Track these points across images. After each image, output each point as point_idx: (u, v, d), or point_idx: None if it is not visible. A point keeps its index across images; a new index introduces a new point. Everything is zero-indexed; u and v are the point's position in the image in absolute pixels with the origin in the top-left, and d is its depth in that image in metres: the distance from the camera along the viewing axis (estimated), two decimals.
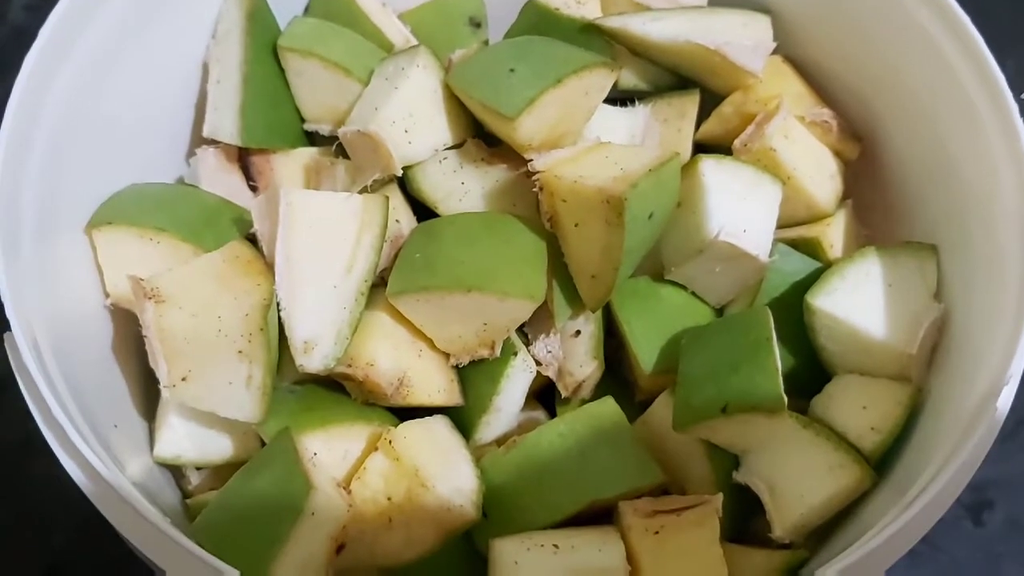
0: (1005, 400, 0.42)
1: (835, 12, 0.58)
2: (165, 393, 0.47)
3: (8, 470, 0.67)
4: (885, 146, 0.59)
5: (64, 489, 0.65)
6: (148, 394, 0.54)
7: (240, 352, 0.47)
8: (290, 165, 0.58)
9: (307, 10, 0.63)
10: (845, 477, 0.48)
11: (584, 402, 0.55)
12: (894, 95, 0.57)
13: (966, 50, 0.51)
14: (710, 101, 0.61)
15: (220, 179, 0.57)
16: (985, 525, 0.68)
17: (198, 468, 0.53)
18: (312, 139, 0.60)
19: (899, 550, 0.40)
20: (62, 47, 0.49)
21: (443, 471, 0.48)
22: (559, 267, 0.52)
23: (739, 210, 0.52)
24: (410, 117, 0.53)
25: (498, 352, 0.51)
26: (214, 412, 0.48)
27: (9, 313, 0.42)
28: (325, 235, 0.50)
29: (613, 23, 0.58)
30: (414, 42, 0.62)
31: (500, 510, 0.48)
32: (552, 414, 0.56)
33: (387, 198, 0.52)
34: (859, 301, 0.51)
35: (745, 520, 0.52)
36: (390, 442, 0.48)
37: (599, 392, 0.55)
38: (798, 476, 0.48)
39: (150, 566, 0.41)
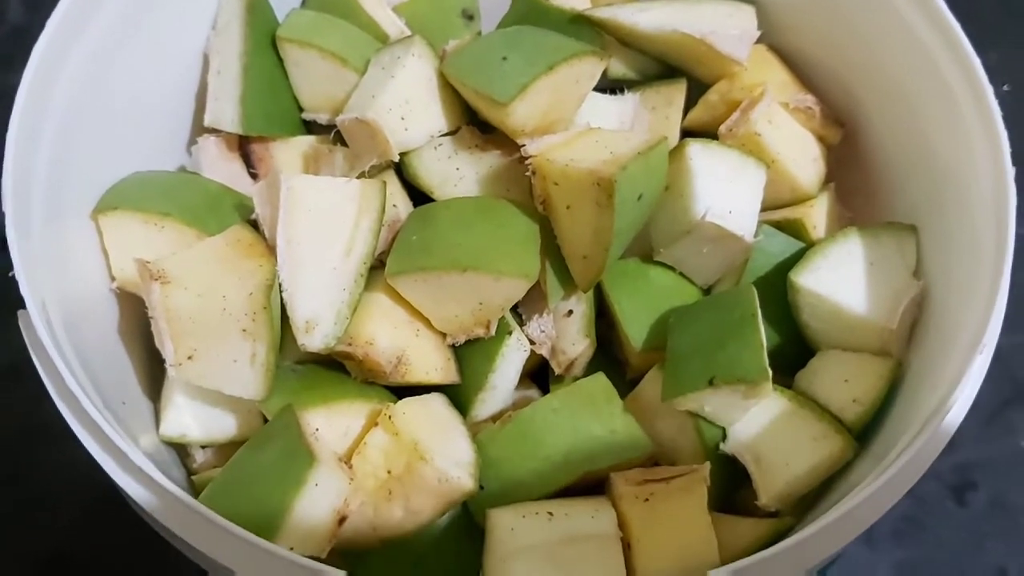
0: (979, 370, 0.44)
1: (818, 1, 0.60)
2: (171, 372, 0.49)
3: (15, 457, 0.68)
4: (867, 131, 0.61)
5: (71, 475, 0.67)
6: (153, 375, 0.56)
7: (244, 331, 0.48)
8: (289, 152, 0.59)
9: (304, 3, 0.65)
10: (828, 447, 0.50)
11: (576, 379, 0.56)
12: (875, 82, 0.59)
13: (945, 38, 0.53)
14: (697, 89, 0.63)
15: (221, 167, 0.59)
16: (969, 505, 0.70)
17: (203, 447, 0.54)
18: (310, 128, 0.62)
19: (870, 517, 0.42)
20: (67, 40, 0.51)
21: (441, 445, 0.49)
22: (552, 249, 0.53)
23: (725, 192, 0.54)
24: (406, 104, 0.55)
25: (493, 331, 0.53)
26: (219, 390, 0.50)
27: (24, 291, 0.44)
28: (325, 219, 0.51)
29: (602, 13, 0.60)
30: (407, 32, 0.64)
31: (496, 482, 0.50)
32: (545, 391, 0.58)
33: (384, 183, 0.54)
34: (841, 279, 0.53)
35: (733, 491, 0.53)
36: (390, 417, 0.50)
37: (591, 370, 0.56)
38: (783, 446, 0.50)
39: (163, 535, 0.42)
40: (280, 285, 0.50)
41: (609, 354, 0.58)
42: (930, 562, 0.69)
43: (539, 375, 0.59)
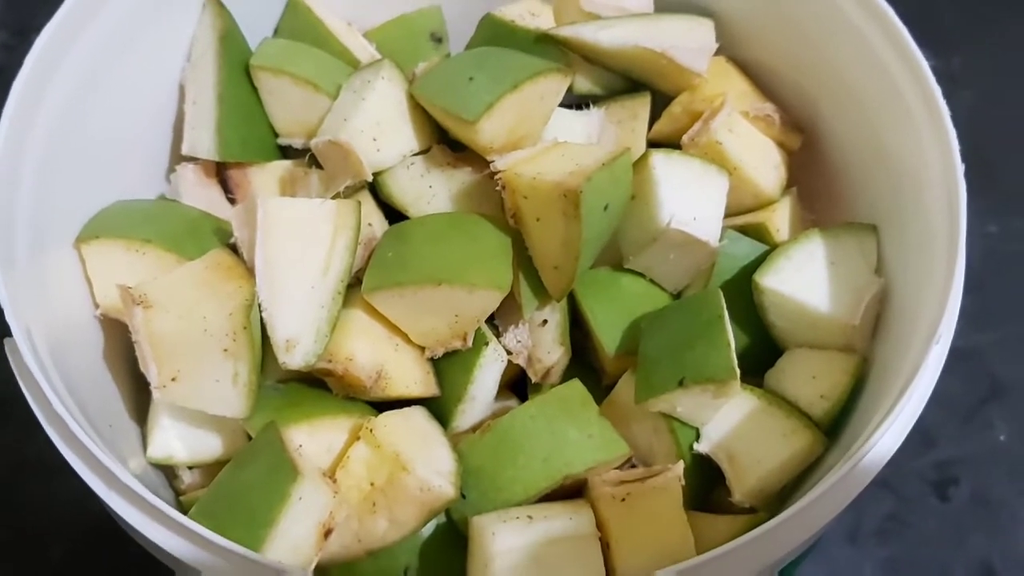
0: (936, 360, 0.45)
1: (774, 14, 0.62)
2: (156, 394, 0.50)
3: (5, 491, 0.69)
4: (825, 137, 0.63)
5: (62, 509, 0.68)
6: (139, 399, 0.57)
7: (226, 350, 0.49)
8: (266, 177, 0.61)
9: (276, 32, 0.66)
10: (798, 442, 0.51)
11: (553, 387, 0.58)
12: (832, 90, 0.61)
13: (895, 46, 0.55)
14: (660, 102, 0.64)
15: (200, 193, 0.60)
16: (951, 500, 0.72)
17: (190, 467, 0.56)
18: (285, 152, 0.63)
19: (825, 514, 0.43)
20: (46, 74, 0.52)
21: (422, 455, 0.50)
22: (524, 261, 0.55)
23: (689, 200, 0.56)
24: (377, 126, 0.57)
25: (470, 343, 0.54)
26: (203, 410, 0.51)
27: (9, 318, 0.45)
28: (301, 239, 0.53)
29: (566, 32, 0.61)
30: (379, 58, 0.65)
31: (478, 490, 0.51)
32: (523, 401, 0.59)
33: (359, 203, 0.55)
34: (805, 279, 0.55)
35: (709, 491, 0.55)
36: (371, 431, 0.51)
37: (567, 378, 0.57)
38: (754, 443, 0.52)
39: (154, 554, 0.43)
40: (260, 305, 0.51)
41: (585, 362, 0.60)
42: (915, 559, 0.70)
43: (518, 386, 0.60)
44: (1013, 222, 0.81)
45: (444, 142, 0.60)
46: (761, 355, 0.56)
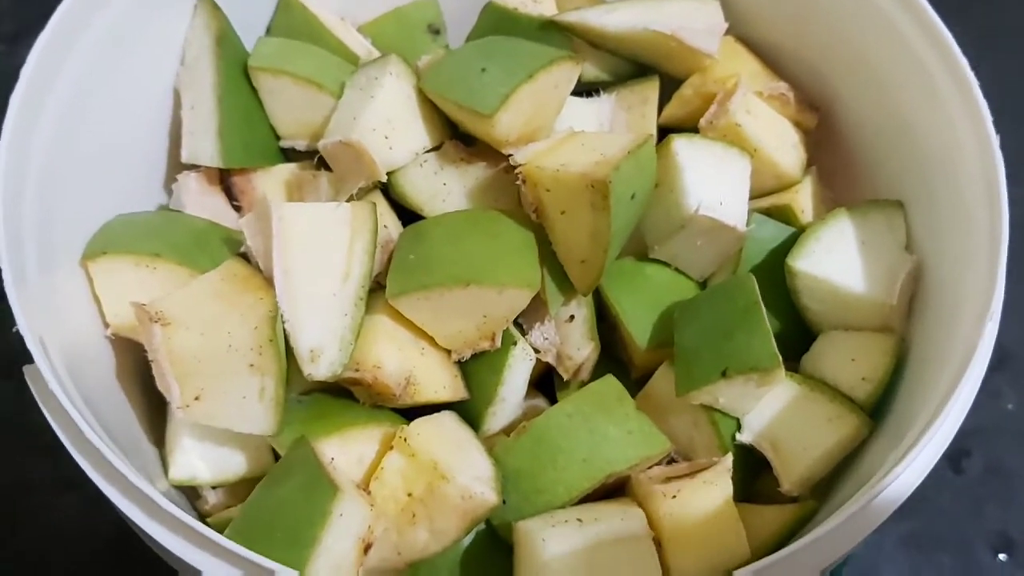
0: (989, 338, 0.44)
1: None
2: (179, 414, 0.48)
3: (6, 514, 0.66)
4: (842, 113, 0.62)
5: (60, 529, 0.66)
6: (154, 420, 0.55)
7: (251, 366, 0.47)
8: (271, 182, 0.59)
9: (269, 30, 0.64)
10: (844, 427, 0.50)
11: (583, 384, 0.56)
12: (846, 65, 0.60)
13: (914, 15, 0.54)
14: (669, 85, 0.63)
15: (204, 202, 0.58)
16: (965, 472, 0.71)
17: (214, 487, 0.53)
18: (288, 155, 0.61)
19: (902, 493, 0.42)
20: (43, 88, 0.50)
21: (460, 462, 0.49)
22: (547, 256, 0.53)
23: (714, 185, 0.54)
24: (388, 124, 0.55)
25: (499, 343, 0.52)
26: (229, 428, 0.49)
27: (28, 342, 0.42)
28: (319, 245, 0.51)
29: (571, 18, 0.60)
30: (376, 53, 0.63)
31: (518, 494, 0.50)
32: (551, 400, 0.58)
33: (375, 204, 0.53)
34: (837, 260, 0.54)
35: (751, 481, 0.54)
36: (405, 440, 0.49)
37: (594, 374, 0.56)
38: (799, 431, 0.51)
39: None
40: (281, 316, 0.49)
41: (611, 355, 0.58)
42: (933, 532, 0.70)
43: (543, 383, 0.59)
44: (1016, 189, 0.81)
45: (456, 137, 0.58)
46: (794, 339, 0.55)
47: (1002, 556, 0.68)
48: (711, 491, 0.47)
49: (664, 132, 0.60)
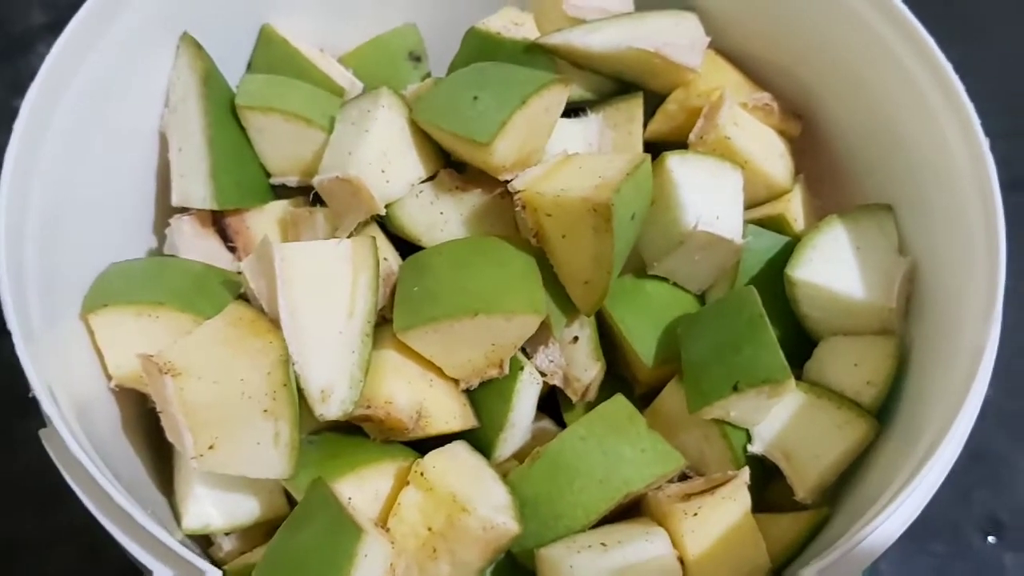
0: (994, 337, 0.45)
1: (759, 1, 0.62)
2: (193, 464, 0.47)
3: None
4: (825, 120, 0.63)
5: None
6: (160, 471, 0.54)
7: (266, 411, 0.47)
8: (265, 221, 0.58)
9: (250, 66, 0.63)
10: (853, 432, 0.51)
11: (590, 404, 0.56)
12: (826, 70, 0.61)
13: (891, 16, 0.55)
14: (652, 100, 0.63)
15: (198, 245, 0.57)
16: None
17: (227, 534, 0.53)
18: (278, 193, 0.61)
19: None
20: (33, 141, 0.49)
21: (478, 492, 0.49)
22: (547, 278, 0.53)
23: (709, 199, 0.55)
24: (384, 157, 0.54)
25: (507, 370, 0.52)
26: (244, 475, 0.48)
27: (45, 406, 0.42)
28: (323, 284, 0.50)
29: (556, 39, 0.60)
30: (359, 84, 0.63)
31: (537, 520, 0.50)
32: (557, 420, 0.58)
33: (374, 238, 0.53)
34: (834, 267, 0.54)
35: (762, 490, 0.54)
36: (422, 474, 0.49)
37: (600, 393, 0.56)
38: (810, 439, 0.51)
39: None
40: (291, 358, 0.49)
41: (612, 373, 0.58)
42: (925, 521, 0.69)
43: (547, 404, 0.59)
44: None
45: (449, 165, 0.58)
46: (795, 347, 0.56)
47: (991, 538, 0.69)
48: (731, 506, 0.48)
49: (649, 147, 0.61)
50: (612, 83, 0.64)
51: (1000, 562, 0.69)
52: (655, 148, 0.59)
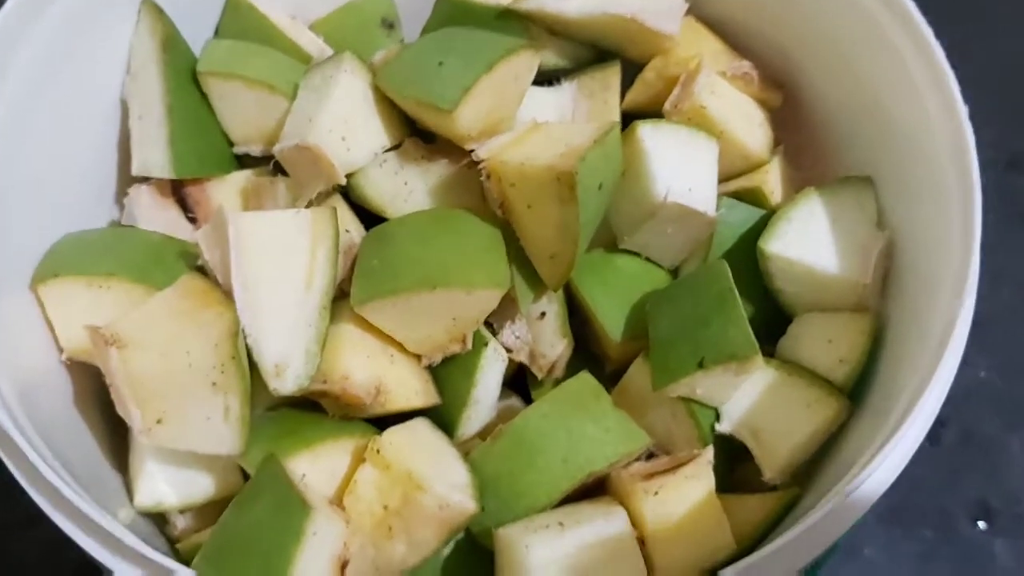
0: (967, 313, 0.44)
1: None
2: (141, 439, 0.46)
3: None
4: (807, 91, 0.61)
5: (21, 572, 0.64)
6: (116, 446, 0.53)
7: (214, 384, 0.46)
8: (226, 191, 0.57)
9: (217, 32, 0.62)
10: (824, 410, 0.50)
11: (558, 381, 0.55)
12: (810, 41, 0.59)
13: None
14: (631, 70, 0.62)
15: (157, 216, 0.56)
16: (941, 442, 0.71)
17: (181, 512, 0.52)
18: (242, 162, 0.59)
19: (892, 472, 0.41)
20: None
21: (436, 470, 0.48)
22: (514, 252, 0.52)
23: (682, 170, 0.53)
24: (345, 124, 0.53)
25: (470, 346, 0.51)
26: (193, 451, 0.47)
27: None
28: (279, 255, 0.49)
29: (529, 5, 0.58)
30: (328, 51, 0.61)
31: (497, 499, 0.48)
32: (526, 399, 0.57)
33: (335, 209, 0.52)
34: (809, 240, 0.53)
35: (731, 470, 0.53)
36: (378, 451, 0.48)
37: (570, 369, 0.55)
38: (779, 417, 0.50)
39: None
40: (243, 330, 0.47)
41: (584, 350, 0.57)
42: (914, 505, 0.69)
43: (517, 382, 0.57)
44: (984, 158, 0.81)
45: (415, 134, 0.56)
46: (769, 324, 0.54)
47: (981, 524, 0.68)
48: (693, 485, 0.46)
49: (628, 118, 0.59)
50: (589, 51, 0.62)
51: (990, 549, 0.68)
52: (633, 118, 0.57)
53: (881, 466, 0.40)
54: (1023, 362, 0.74)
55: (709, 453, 0.47)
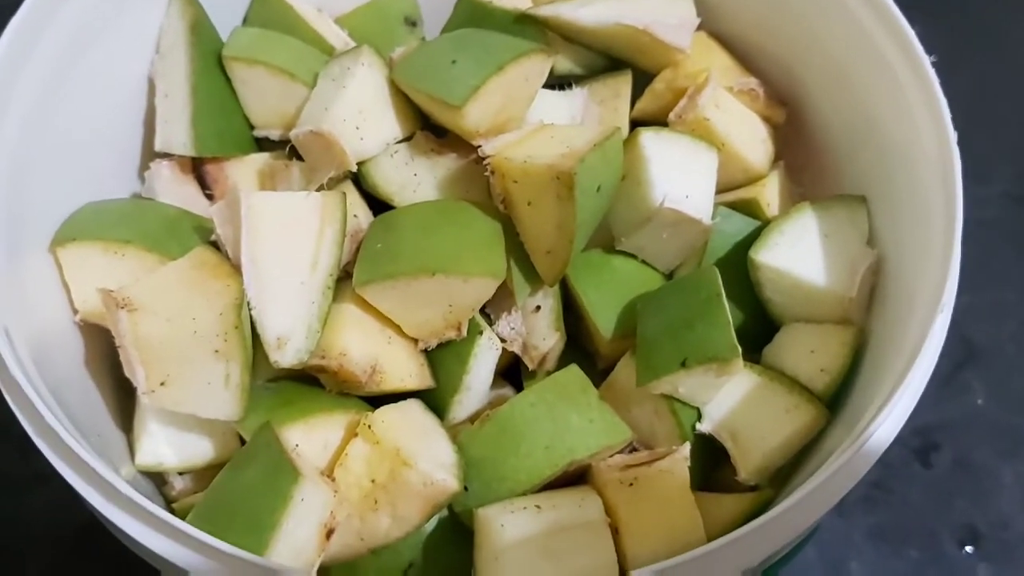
0: (940, 329, 0.45)
1: None
2: (144, 399, 0.48)
3: None
4: (810, 109, 0.62)
5: (32, 525, 0.66)
6: (123, 407, 0.55)
7: (217, 351, 0.48)
8: (244, 171, 0.59)
9: (246, 20, 0.64)
10: (801, 417, 0.51)
11: (549, 374, 0.57)
12: (815, 61, 0.60)
13: (877, 12, 0.54)
14: (642, 80, 0.63)
15: (176, 190, 0.58)
16: (934, 466, 0.72)
17: (180, 473, 0.54)
18: (262, 145, 0.62)
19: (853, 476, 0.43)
20: (13, 74, 0.50)
21: (423, 448, 0.49)
22: (515, 247, 0.54)
23: (680, 178, 0.55)
24: (360, 114, 0.55)
25: (464, 333, 0.53)
26: (194, 414, 0.49)
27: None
28: (288, 234, 0.51)
29: (545, 11, 0.60)
30: (352, 44, 0.64)
31: (480, 481, 0.50)
32: (519, 389, 0.58)
33: (344, 194, 0.54)
34: (799, 253, 0.54)
35: (712, 471, 0.54)
36: (369, 427, 0.50)
37: (562, 363, 0.57)
38: (757, 420, 0.51)
39: (151, 563, 0.42)
40: (248, 303, 0.49)
41: (578, 346, 0.59)
42: (901, 525, 0.70)
43: (511, 373, 0.59)
44: (984, 188, 0.81)
45: (427, 128, 0.59)
46: (757, 331, 0.56)
47: (968, 548, 0.69)
48: (667, 479, 0.48)
49: (636, 126, 0.61)
50: (602, 59, 0.64)
51: (974, 572, 0.68)
52: (642, 127, 0.59)
53: (838, 473, 0.41)
54: (1023, 394, 0.74)
55: (686, 449, 0.49)
